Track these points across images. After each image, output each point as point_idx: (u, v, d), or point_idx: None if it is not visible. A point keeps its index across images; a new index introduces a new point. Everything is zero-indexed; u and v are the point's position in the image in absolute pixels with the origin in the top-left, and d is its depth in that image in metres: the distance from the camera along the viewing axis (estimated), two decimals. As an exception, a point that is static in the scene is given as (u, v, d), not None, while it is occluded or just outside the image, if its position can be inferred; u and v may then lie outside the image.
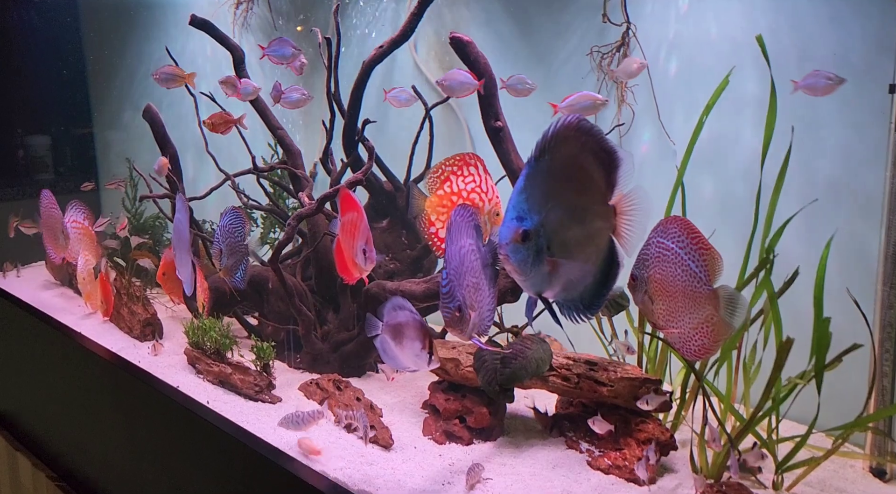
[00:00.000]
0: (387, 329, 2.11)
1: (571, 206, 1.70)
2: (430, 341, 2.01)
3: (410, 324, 2.04)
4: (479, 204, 2.51)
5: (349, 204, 2.26)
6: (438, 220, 2.52)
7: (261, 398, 3.04)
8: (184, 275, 2.91)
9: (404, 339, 2.06)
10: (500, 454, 2.60)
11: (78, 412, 3.74)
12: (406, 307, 2.06)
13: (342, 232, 2.25)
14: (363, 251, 2.17)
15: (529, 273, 1.66)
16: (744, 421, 2.41)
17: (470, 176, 2.46)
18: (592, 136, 1.68)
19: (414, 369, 2.10)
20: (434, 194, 2.49)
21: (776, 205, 2.44)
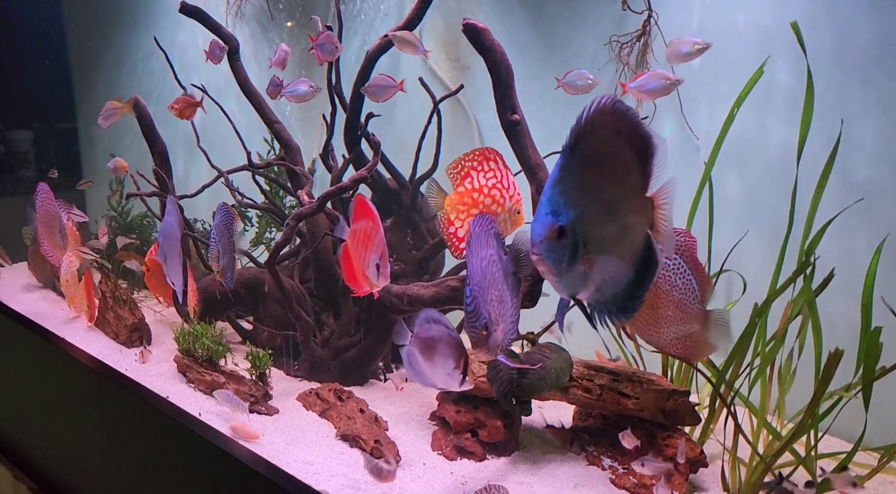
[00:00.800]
0: (416, 342, 1.94)
1: (608, 199, 1.53)
2: (465, 360, 1.84)
3: (445, 340, 1.87)
4: (500, 201, 2.33)
5: (365, 212, 2.10)
6: (458, 219, 2.34)
7: (257, 410, 2.85)
8: (175, 282, 2.71)
9: (436, 355, 1.89)
10: (516, 471, 2.42)
11: (62, 423, 3.54)
12: (442, 322, 1.90)
13: (353, 240, 2.09)
14: (377, 266, 1.99)
15: (565, 273, 1.48)
16: (779, 438, 2.25)
17: (491, 171, 2.29)
18: (628, 120, 1.52)
19: (443, 388, 1.93)
20: (455, 191, 2.31)
21: (818, 205, 2.27)
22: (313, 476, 2.38)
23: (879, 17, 2.38)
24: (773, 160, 2.66)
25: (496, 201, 2.28)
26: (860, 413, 2.10)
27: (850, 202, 2.45)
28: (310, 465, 2.44)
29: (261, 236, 4.05)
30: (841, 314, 2.42)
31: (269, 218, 4.01)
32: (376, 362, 3.07)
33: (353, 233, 2.15)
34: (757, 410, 2.38)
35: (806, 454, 2.23)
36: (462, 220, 2.30)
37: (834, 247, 2.51)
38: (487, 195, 2.29)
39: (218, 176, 3.48)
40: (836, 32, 2.50)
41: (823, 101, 2.54)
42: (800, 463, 2.24)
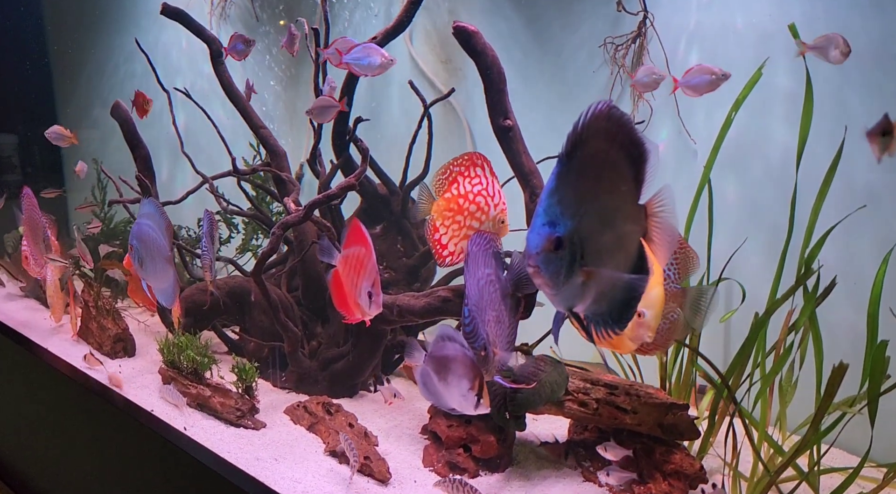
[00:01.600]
0: (430, 361, 1.86)
1: (604, 208, 1.46)
2: (480, 381, 1.77)
3: (459, 360, 1.79)
4: (485, 208, 2.26)
5: (357, 237, 2.04)
6: (443, 225, 2.27)
7: (243, 424, 2.76)
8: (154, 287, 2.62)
9: (450, 375, 1.81)
10: (510, 487, 2.34)
11: (45, 435, 3.45)
12: (457, 340, 1.82)
13: (345, 266, 2.04)
14: (369, 295, 1.92)
15: (562, 286, 1.41)
16: (782, 453, 2.18)
17: (477, 178, 2.22)
18: (623, 126, 1.45)
19: (458, 411, 1.85)
20: (441, 196, 2.24)
21: (819, 211, 2.20)
22: (301, 493, 2.30)
23: (880, 18, 2.32)
24: (773, 165, 2.59)
25: (480, 209, 2.21)
26: (865, 425, 2.04)
27: (852, 208, 2.38)
28: (298, 483, 2.36)
29: (247, 243, 3.95)
30: (843, 323, 2.35)
31: (255, 225, 3.92)
32: (366, 373, 2.98)
33: (346, 258, 2.09)
34: (758, 423, 2.31)
35: (809, 469, 2.17)
36: (447, 227, 2.23)
37: (835, 254, 2.44)
38: (472, 202, 2.22)
39: (202, 182, 3.39)
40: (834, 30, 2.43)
41: (823, 104, 2.47)
42: (803, 479, 2.17)
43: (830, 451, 2.46)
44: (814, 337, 2.25)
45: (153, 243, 2.57)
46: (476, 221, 2.23)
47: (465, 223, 2.24)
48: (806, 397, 2.36)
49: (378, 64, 2.30)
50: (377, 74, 2.32)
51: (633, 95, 2.82)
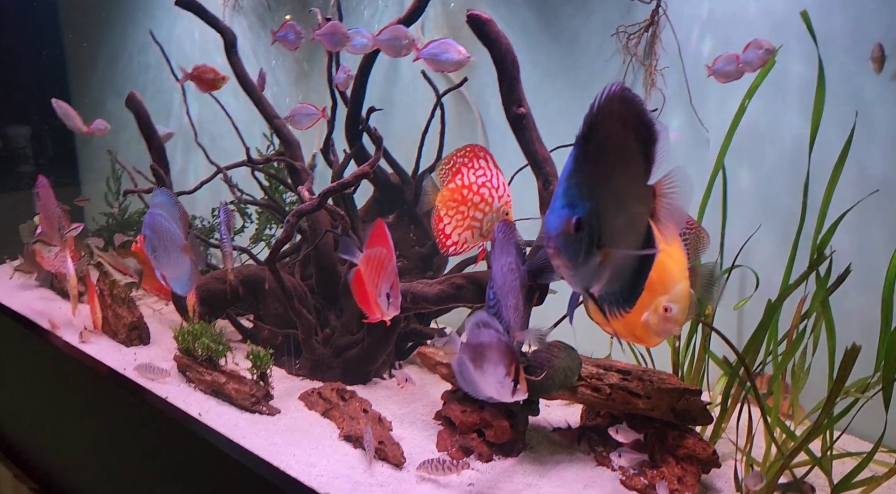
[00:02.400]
0: (466, 349, 1.81)
1: (618, 189, 1.48)
2: (516, 367, 1.73)
3: (494, 346, 1.75)
4: (489, 200, 2.27)
5: (380, 238, 2.07)
6: (447, 215, 2.29)
7: (258, 410, 2.79)
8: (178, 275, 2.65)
9: (486, 363, 1.77)
10: (524, 472, 2.36)
11: (62, 422, 3.50)
12: (492, 325, 1.78)
13: (367, 266, 2.07)
14: (387, 295, 1.94)
15: (581, 267, 1.43)
16: (794, 437, 2.19)
17: (480, 169, 2.24)
18: (635, 107, 1.47)
19: (496, 399, 1.82)
20: (445, 187, 2.26)
21: (831, 198, 2.21)
22: (316, 478, 2.32)
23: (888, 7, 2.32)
24: (787, 152, 2.59)
25: (484, 200, 2.23)
26: (878, 410, 2.05)
27: (866, 195, 2.39)
28: (313, 467, 2.39)
29: (261, 233, 3.98)
30: (856, 309, 2.36)
31: (268, 215, 3.95)
32: (379, 360, 3.01)
33: (368, 258, 2.12)
34: (771, 409, 2.32)
35: (822, 454, 2.18)
36: (451, 217, 2.25)
37: (849, 240, 2.45)
38: (476, 193, 2.24)
39: (216, 172, 3.42)
40: (850, 21, 2.43)
41: (837, 91, 2.47)
42: (815, 464, 2.18)
43: (844, 438, 2.48)
44: (826, 323, 2.26)
45: (166, 233, 2.60)
46: (480, 212, 2.25)
47: (468, 214, 2.25)
48: (819, 383, 2.37)
49: (455, 60, 2.29)
50: (454, 70, 2.29)
51: (645, 84, 2.83)
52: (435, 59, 2.33)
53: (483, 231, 2.24)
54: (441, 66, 2.34)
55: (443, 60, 2.32)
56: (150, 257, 2.66)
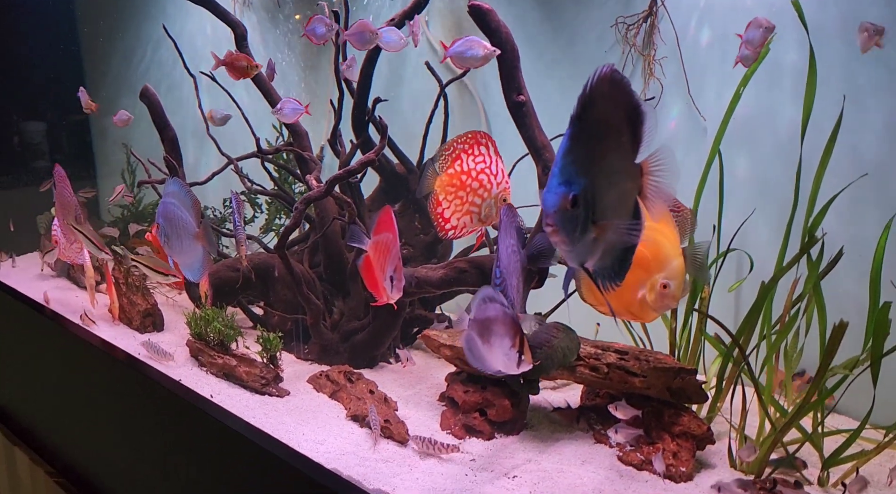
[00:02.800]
0: (474, 325, 1.84)
1: (609, 167, 1.55)
2: (521, 338, 1.76)
3: (500, 319, 1.78)
4: (488, 186, 2.34)
5: (386, 225, 2.13)
6: (446, 199, 2.36)
7: (268, 392, 2.89)
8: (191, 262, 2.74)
9: (493, 336, 1.80)
10: (525, 449, 2.44)
11: (76, 406, 3.60)
12: (497, 300, 1.81)
13: (375, 251, 2.13)
14: (391, 279, 2.01)
15: (577, 242, 1.50)
16: (785, 413, 2.26)
17: (480, 156, 2.30)
18: (623, 88, 1.54)
19: (504, 372, 1.85)
20: (444, 172, 2.33)
21: (820, 184, 2.27)
22: (324, 454, 2.41)
23: (886, -5, 2.37)
24: (783, 139, 2.65)
25: (483, 186, 2.30)
26: (869, 391, 2.11)
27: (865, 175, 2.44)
28: (321, 444, 2.48)
29: (271, 223, 4.08)
30: (850, 291, 2.41)
31: (278, 205, 4.04)
32: (385, 344, 3.09)
33: (376, 244, 2.18)
34: (763, 387, 2.38)
35: (813, 430, 2.24)
36: (450, 202, 2.32)
37: (843, 225, 2.51)
38: (475, 179, 2.31)
39: (227, 163, 3.51)
40: (844, 9, 2.49)
41: (831, 78, 2.53)
42: (806, 439, 2.24)
43: (837, 417, 2.54)
44: (818, 305, 2.32)
45: (179, 221, 2.68)
46: (478, 197, 2.32)
47: (467, 199, 2.32)
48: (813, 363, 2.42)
49: (482, 55, 2.35)
50: (480, 65, 2.33)
51: (644, 74, 2.89)
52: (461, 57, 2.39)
53: (482, 216, 2.31)
54: (467, 62, 2.40)
55: (468, 57, 2.38)
56: (163, 244, 2.74)
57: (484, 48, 2.31)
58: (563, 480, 2.22)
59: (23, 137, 5.02)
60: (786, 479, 2.13)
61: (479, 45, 2.32)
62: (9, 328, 4.14)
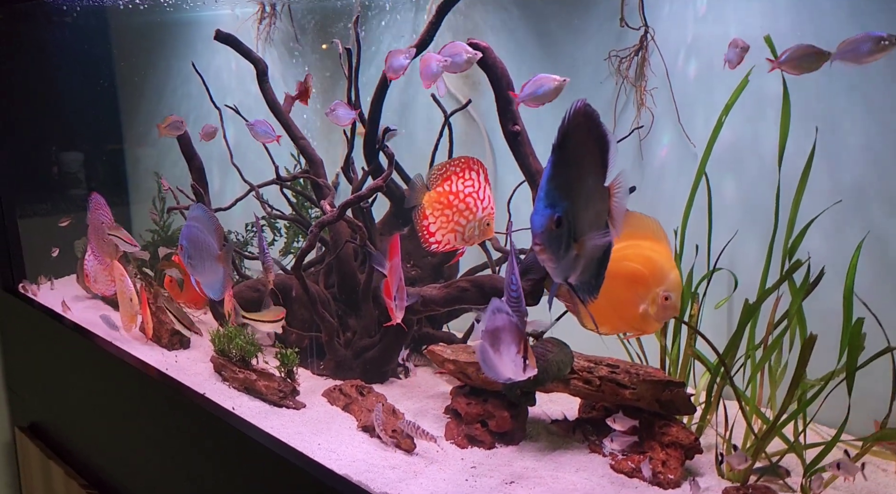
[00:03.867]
0: (485, 336, 1.96)
1: (586, 190, 1.74)
2: (525, 345, 1.87)
3: (506, 327, 1.90)
4: (473, 209, 2.50)
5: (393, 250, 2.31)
6: (432, 215, 2.52)
7: (285, 404, 3.07)
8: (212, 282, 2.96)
9: (501, 345, 1.91)
10: (523, 457, 2.59)
11: (108, 421, 3.81)
12: (503, 310, 1.93)
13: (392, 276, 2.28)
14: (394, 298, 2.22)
15: (562, 259, 1.68)
16: (767, 421, 2.38)
17: (470, 180, 2.46)
18: (594, 119, 1.74)
19: (514, 379, 1.96)
20: (434, 189, 2.50)
21: (798, 207, 2.41)
22: (336, 461, 2.58)
23: (859, 25, 2.52)
24: (767, 164, 2.79)
25: (469, 208, 2.45)
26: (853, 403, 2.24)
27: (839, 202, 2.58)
28: (333, 453, 2.65)
29: (289, 246, 4.30)
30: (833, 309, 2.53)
31: (296, 229, 4.26)
32: (394, 361, 3.27)
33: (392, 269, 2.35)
34: (749, 399, 2.50)
35: (794, 439, 2.36)
36: (436, 217, 2.47)
37: (824, 245, 2.63)
38: (462, 201, 2.46)
39: (249, 190, 3.75)
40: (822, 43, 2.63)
41: (812, 107, 2.68)
42: (789, 448, 2.36)
43: (821, 429, 2.64)
44: (799, 324, 2.45)
45: (202, 243, 2.91)
46: (464, 218, 2.47)
47: (452, 218, 2.48)
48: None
49: (553, 88, 2.44)
50: (553, 98, 2.43)
51: (636, 103, 3.06)
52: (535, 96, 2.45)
53: (465, 236, 2.46)
54: (542, 99, 2.47)
55: (542, 93, 2.45)
56: (186, 264, 2.97)
57: (555, 81, 2.41)
58: (558, 486, 2.36)
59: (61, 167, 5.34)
60: (768, 486, 2.25)
61: (549, 81, 2.41)
62: (44, 346, 4.39)
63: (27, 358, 4.72)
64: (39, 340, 4.45)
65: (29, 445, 4.59)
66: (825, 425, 2.64)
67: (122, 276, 3.73)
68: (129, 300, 3.72)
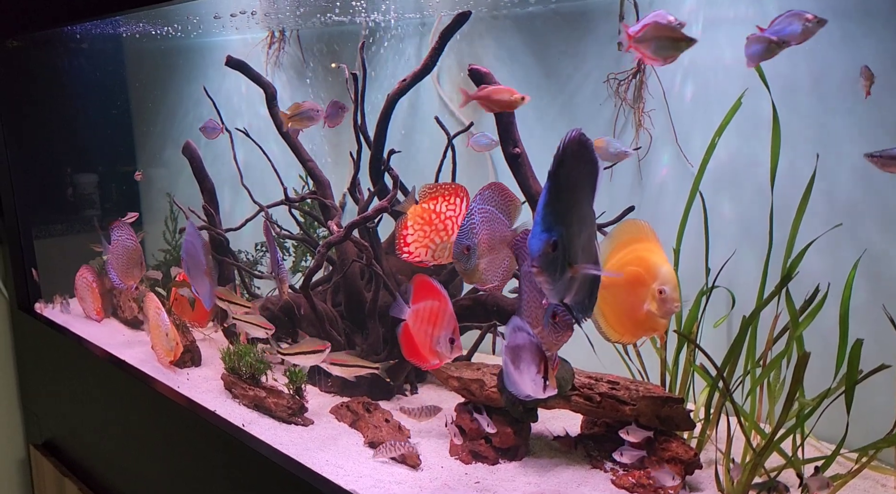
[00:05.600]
0: (507, 353, 2.01)
1: (579, 215, 1.80)
2: (545, 364, 1.92)
3: (527, 346, 1.95)
4: (449, 232, 2.55)
5: (429, 291, 2.24)
6: (412, 226, 2.57)
7: (294, 421, 3.14)
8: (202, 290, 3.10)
9: (522, 362, 1.96)
10: (525, 473, 2.64)
11: (121, 438, 3.88)
12: (524, 329, 1.99)
13: (416, 319, 2.24)
14: (450, 340, 2.18)
15: (557, 282, 1.74)
16: (765, 435, 2.42)
17: (453, 205, 2.50)
18: (588, 147, 1.80)
19: (532, 396, 2.00)
20: (420, 204, 2.57)
21: (798, 227, 2.47)
22: (343, 477, 2.64)
23: (851, 53, 2.59)
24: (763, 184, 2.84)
25: (446, 230, 2.50)
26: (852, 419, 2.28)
27: (835, 221, 2.63)
28: (340, 468, 2.71)
29: (297, 265, 4.39)
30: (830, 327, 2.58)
31: (304, 248, 4.35)
32: (401, 377, 3.33)
33: (416, 312, 2.30)
34: (748, 414, 2.55)
35: (793, 454, 2.39)
36: (415, 230, 2.52)
37: (819, 263, 2.68)
38: (441, 222, 2.50)
39: (259, 210, 3.84)
40: (815, 67, 2.71)
41: (807, 129, 2.75)
42: (788, 463, 2.40)
43: (819, 445, 2.68)
44: (796, 339, 2.49)
45: (195, 257, 3.13)
46: (438, 237, 2.51)
47: (429, 235, 2.53)
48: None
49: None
50: None
51: (634, 125, 3.14)
52: None
53: (434, 254, 2.52)
54: None
55: None
56: (188, 275, 3.17)
57: None
58: (559, 501, 2.41)
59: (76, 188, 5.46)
60: (766, 501, 2.29)
61: None
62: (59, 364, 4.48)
63: (42, 376, 4.81)
64: (54, 359, 4.54)
65: (43, 462, 4.67)
66: (826, 440, 2.67)
67: (158, 309, 3.68)
68: (164, 335, 3.63)
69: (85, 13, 3.73)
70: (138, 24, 4.40)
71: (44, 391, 4.82)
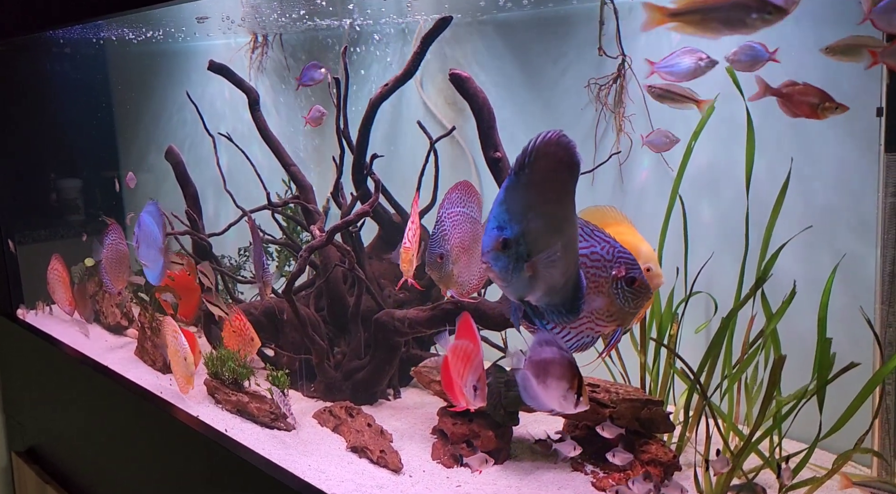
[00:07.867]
0: (530, 365, 1.99)
1: (550, 216, 1.77)
2: (579, 380, 1.91)
3: (558, 361, 1.92)
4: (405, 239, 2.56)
5: (468, 332, 2.22)
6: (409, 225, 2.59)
7: (277, 426, 3.13)
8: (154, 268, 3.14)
9: (549, 378, 1.94)
10: (507, 476, 2.65)
11: (104, 444, 3.86)
12: (554, 343, 1.96)
13: (454, 355, 2.22)
14: (474, 388, 2.14)
15: (511, 279, 1.73)
16: (743, 436, 2.44)
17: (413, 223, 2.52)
18: (569, 150, 1.75)
19: (559, 411, 1.99)
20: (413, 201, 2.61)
21: (773, 230, 2.50)
22: (325, 482, 2.64)
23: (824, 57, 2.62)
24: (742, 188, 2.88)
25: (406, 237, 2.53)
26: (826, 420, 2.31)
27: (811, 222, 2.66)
28: (323, 473, 2.71)
29: (281, 270, 4.38)
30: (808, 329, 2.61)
31: (288, 253, 4.34)
32: (384, 381, 3.33)
33: (455, 348, 2.27)
34: (726, 416, 2.57)
35: (770, 455, 2.42)
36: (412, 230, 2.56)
37: (795, 267, 2.71)
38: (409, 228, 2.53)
39: (242, 215, 3.83)
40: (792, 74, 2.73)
41: (785, 134, 2.78)
42: (765, 463, 2.42)
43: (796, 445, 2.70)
44: (773, 343, 2.52)
45: (150, 233, 3.15)
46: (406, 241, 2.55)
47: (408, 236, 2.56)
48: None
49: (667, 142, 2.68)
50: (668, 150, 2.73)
51: (615, 128, 3.16)
52: None
53: None
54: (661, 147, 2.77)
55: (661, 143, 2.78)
56: (135, 247, 3.21)
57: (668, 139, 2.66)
58: (540, 503, 2.42)
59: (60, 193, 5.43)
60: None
61: None
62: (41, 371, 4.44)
63: (24, 383, 4.77)
64: (36, 365, 4.50)
65: (25, 469, 4.63)
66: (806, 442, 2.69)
67: (175, 333, 3.40)
68: (183, 360, 3.31)
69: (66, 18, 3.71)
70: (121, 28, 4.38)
71: (26, 398, 4.78)
